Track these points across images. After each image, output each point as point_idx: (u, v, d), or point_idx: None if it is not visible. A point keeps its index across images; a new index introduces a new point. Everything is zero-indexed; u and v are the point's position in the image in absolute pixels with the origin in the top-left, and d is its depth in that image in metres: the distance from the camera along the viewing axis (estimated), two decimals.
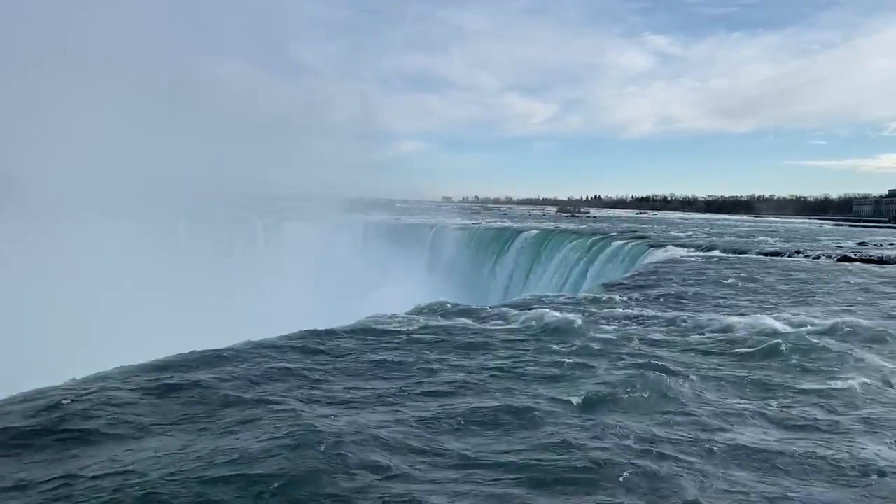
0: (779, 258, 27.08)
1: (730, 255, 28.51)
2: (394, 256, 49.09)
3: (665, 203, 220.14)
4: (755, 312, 12.96)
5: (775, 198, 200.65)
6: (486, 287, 44.23)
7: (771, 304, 14.79)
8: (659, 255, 29.36)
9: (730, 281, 18.81)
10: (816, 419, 7.06)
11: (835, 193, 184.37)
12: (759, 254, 28.70)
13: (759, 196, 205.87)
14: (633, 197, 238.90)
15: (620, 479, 5.20)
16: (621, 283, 18.90)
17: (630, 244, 34.71)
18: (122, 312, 29.40)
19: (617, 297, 15.24)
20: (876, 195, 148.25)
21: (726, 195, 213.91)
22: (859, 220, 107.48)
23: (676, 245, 32.61)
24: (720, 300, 15.29)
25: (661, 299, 15.29)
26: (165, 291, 34.05)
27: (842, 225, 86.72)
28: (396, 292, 35.90)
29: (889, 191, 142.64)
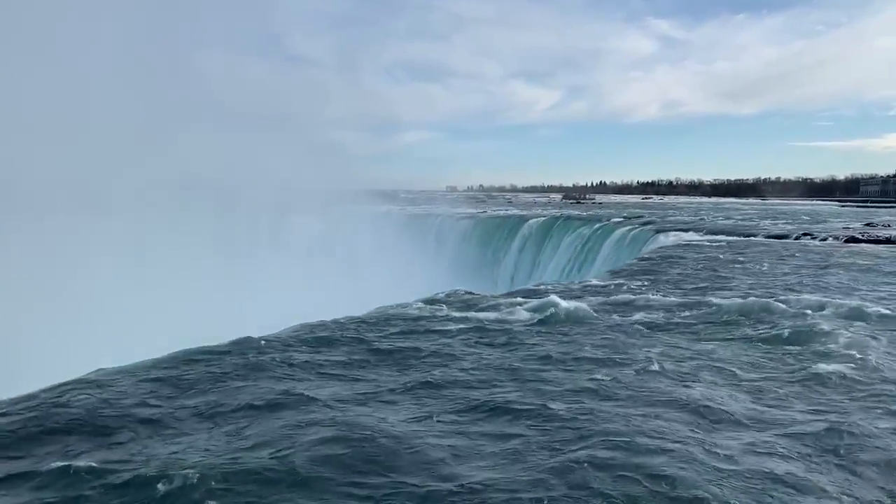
0: (786, 241, 27.00)
1: (736, 238, 28.42)
2: (400, 247, 49.16)
3: (671, 188, 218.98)
4: (763, 296, 12.97)
5: (781, 180, 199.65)
6: (493, 275, 44.29)
7: (778, 286, 14.78)
8: (665, 239, 29.32)
9: (736, 265, 18.79)
10: (829, 401, 7.11)
11: (841, 174, 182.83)
12: (766, 236, 28.62)
13: (766, 178, 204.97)
14: (638, 182, 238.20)
15: (632, 466, 5.27)
16: (628, 269, 18.91)
17: (636, 230, 34.65)
18: (135, 308, 29.58)
19: (624, 283, 15.27)
20: (883, 175, 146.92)
21: (732, 178, 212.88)
22: (866, 201, 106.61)
23: (682, 230, 32.54)
24: (727, 284, 15.28)
25: (668, 284, 15.30)
26: (174, 287, 34.22)
27: (849, 206, 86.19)
28: (403, 282, 36.02)
29: None
